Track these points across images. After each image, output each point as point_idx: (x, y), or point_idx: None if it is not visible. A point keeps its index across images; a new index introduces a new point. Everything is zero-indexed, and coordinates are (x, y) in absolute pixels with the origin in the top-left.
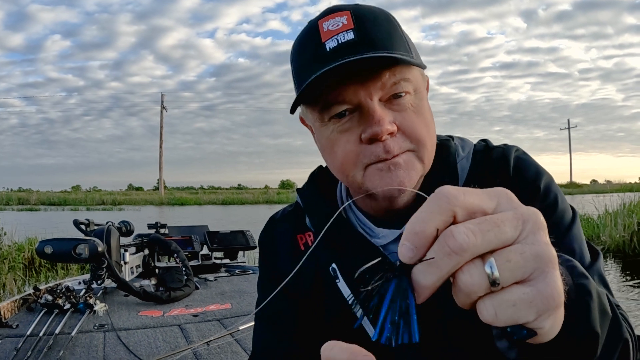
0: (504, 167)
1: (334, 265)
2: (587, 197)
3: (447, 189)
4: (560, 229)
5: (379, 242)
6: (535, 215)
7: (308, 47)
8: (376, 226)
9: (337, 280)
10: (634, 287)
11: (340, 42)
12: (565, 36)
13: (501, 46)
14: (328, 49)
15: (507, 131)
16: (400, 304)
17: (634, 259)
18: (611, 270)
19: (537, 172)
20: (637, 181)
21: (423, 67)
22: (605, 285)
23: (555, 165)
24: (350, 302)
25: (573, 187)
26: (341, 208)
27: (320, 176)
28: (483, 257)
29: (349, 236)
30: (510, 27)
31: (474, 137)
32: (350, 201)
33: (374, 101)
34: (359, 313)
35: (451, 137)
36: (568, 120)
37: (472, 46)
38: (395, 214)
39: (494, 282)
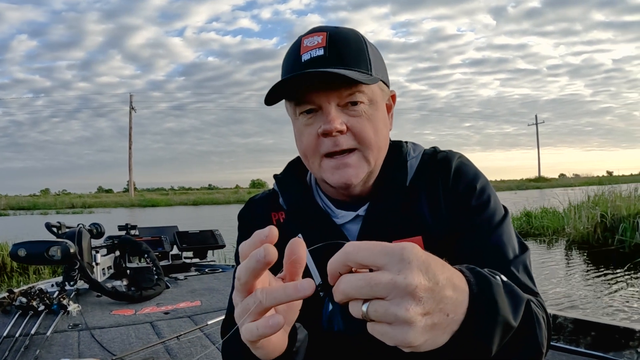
0: (446, 168)
1: (300, 235)
2: (555, 190)
3: (349, 247)
4: (492, 224)
5: (338, 221)
6: (405, 285)
7: (291, 56)
8: (337, 208)
9: None
10: (598, 276)
11: (312, 56)
12: (535, 33)
13: (471, 43)
14: (302, 61)
15: (477, 127)
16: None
17: (598, 250)
18: (576, 261)
19: (475, 175)
20: (605, 174)
21: (373, 83)
22: (529, 275)
23: (525, 160)
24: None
25: (541, 182)
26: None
27: (295, 164)
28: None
29: (314, 214)
30: (480, 24)
31: (444, 133)
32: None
33: (331, 105)
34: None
35: (406, 142)
36: (535, 116)
37: (442, 43)
38: (353, 199)
39: (365, 317)
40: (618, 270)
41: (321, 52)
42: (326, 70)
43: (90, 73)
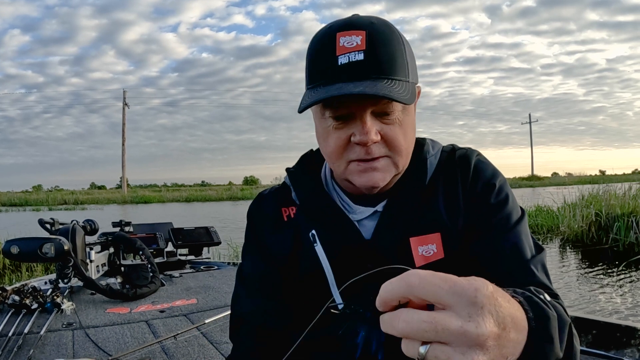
0: (465, 166)
1: (313, 231)
2: (548, 189)
3: (413, 277)
4: (509, 224)
5: (355, 217)
6: (476, 336)
7: (324, 53)
8: (354, 203)
9: (315, 245)
10: (593, 275)
11: (350, 60)
12: (529, 32)
13: (465, 41)
14: (340, 63)
15: (470, 125)
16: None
17: (592, 248)
18: (570, 260)
19: (494, 173)
20: (598, 173)
21: (413, 100)
22: (547, 275)
23: (518, 159)
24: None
25: (534, 180)
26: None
27: (309, 157)
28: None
29: (329, 209)
30: (475, 22)
31: (437, 131)
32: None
33: (367, 113)
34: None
35: (424, 138)
36: (529, 115)
37: (436, 41)
38: (371, 195)
39: (422, 358)
40: (613, 269)
41: (361, 56)
42: (370, 94)
43: (82, 69)
